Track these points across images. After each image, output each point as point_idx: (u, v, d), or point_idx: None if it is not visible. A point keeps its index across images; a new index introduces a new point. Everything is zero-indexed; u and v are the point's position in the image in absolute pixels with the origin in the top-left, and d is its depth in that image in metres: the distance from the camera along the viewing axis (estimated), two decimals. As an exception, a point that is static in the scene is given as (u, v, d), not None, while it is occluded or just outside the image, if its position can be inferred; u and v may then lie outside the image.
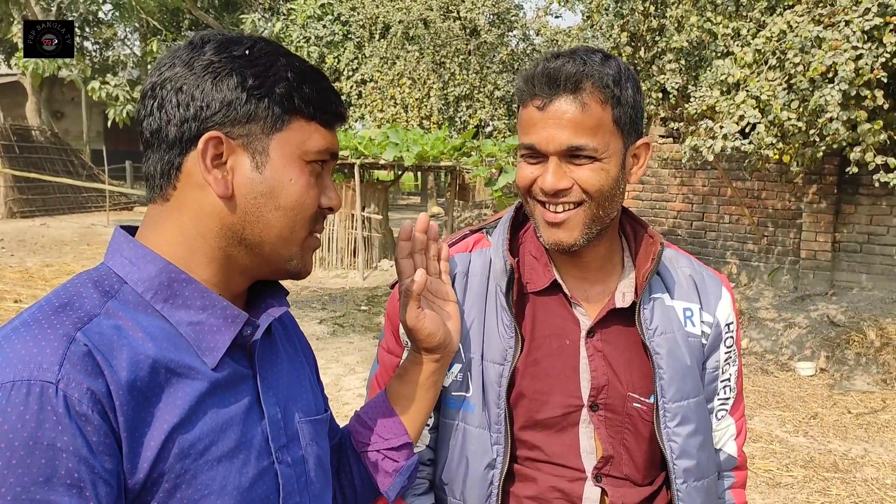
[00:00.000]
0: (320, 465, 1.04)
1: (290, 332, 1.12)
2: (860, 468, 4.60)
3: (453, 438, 1.28)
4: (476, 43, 14.30)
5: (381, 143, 10.75)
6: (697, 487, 1.27)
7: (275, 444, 0.95)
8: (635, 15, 6.80)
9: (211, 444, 0.87)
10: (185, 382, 0.86)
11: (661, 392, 1.24)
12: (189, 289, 0.91)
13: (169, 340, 0.87)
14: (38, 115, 21.22)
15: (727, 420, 1.38)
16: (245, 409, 0.92)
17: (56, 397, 0.76)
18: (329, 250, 11.60)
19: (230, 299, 0.96)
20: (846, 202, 7.69)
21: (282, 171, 0.92)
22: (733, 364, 1.36)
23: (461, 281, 1.30)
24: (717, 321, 1.33)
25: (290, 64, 0.93)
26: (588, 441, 1.26)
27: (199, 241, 0.92)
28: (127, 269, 0.90)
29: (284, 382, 1.02)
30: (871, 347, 6.51)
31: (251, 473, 0.91)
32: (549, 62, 1.16)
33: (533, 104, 1.16)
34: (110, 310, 0.85)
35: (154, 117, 0.91)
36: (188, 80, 0.89)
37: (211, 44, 0.92)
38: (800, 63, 5.01)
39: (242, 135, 0.91)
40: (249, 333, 0.94)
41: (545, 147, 1.16)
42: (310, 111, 0.94)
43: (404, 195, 30.07)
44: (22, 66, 18.31)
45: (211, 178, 0.90)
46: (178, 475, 0.83)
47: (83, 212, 18.88)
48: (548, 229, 1.22)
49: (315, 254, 5.64)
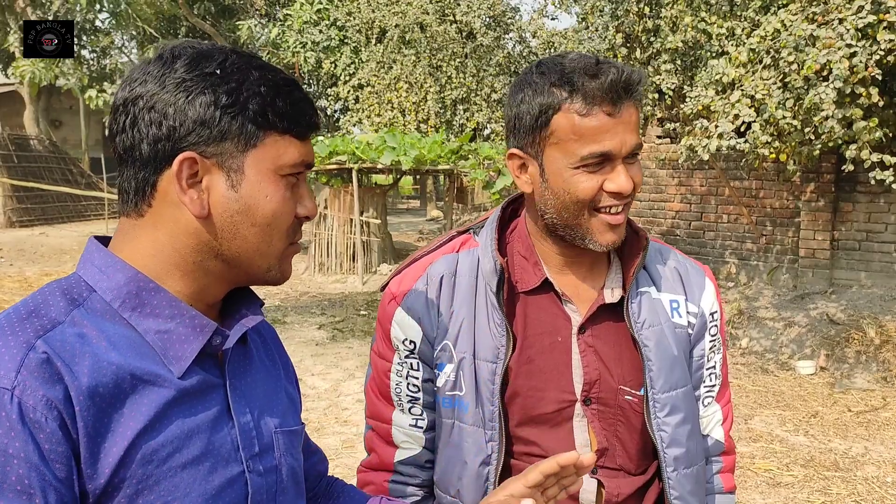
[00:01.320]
0: (293, 477, 1.03)
1: (268, 343, 1.12)
2: (861, 466, 4.60)
3: (449, 437, 1.30)
4: (472, 46, 14.31)
5: (378, 147, 10.76)
6: (687, 475, 1.30)
7: (245, 452, 0.95)
8: (630, 16, 6.80)
9: (175, 451, 0.86)
10: (150, 390, 0.86)
11: (651, 383, 1.27)
12: (157, 298, 0.91)
13: (134, 349, 0.87)
14: (36, 123, 21.25)
15: (714, 406, 1.41)
16: (213, 417, 0.92)
17: (11, 403, 0.77)
18: (328, 255, 11.60)
19: (204, 309, 0.96)
20: (844, 200, 7.69)
21: (257, 187, 0.92)
22: (718, 352, 1.39)
23: (449, 281, 1.31)
24: (702, 311, 1.36)
25: (263, 77, 0.92)
26: (582, 435, 1.29)
27: (174, 256, 0.92)
28: (96, 278, 0.90)
29: (259, 392, 1.01)
30: (871, 345, 6.51)
31: (217, 481, 0.90)
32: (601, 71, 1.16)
33: (603, 111, 1.16)
34: (75, 318, 0.86)
35: (127, 134, 0.90)
36: (161, 98, 0.89)
37: (182, 59, 0.90)
38: (794, 62, 5.02)
39: (217, 153, 0.90)
40: (219, 343, 0.94)
41: (619, 152, 1.18)
42: (284, 125, 0.93)
43: (403, 199, 30.08)
44: (19, 76, 18.33)
45: (187, 199, 0.90)
46: (140, 480, 0.84)
47: (82, 220, 18.89)
48: (607, 233, 1.23)
49: (314, 259, 5.67)
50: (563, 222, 1.24)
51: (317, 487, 1.23)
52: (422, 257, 1.37)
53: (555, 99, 1.18)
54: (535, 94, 1.19)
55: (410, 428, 1.34)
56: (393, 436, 1.35)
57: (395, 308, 1.32)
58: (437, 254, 1.36)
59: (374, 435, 1.38)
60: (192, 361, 0.91)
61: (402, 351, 1.33)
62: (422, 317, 1.30)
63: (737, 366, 6.72)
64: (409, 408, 1.34)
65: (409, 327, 1.31)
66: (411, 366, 1.33)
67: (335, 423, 5.29)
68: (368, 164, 10.81)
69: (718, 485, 1.42)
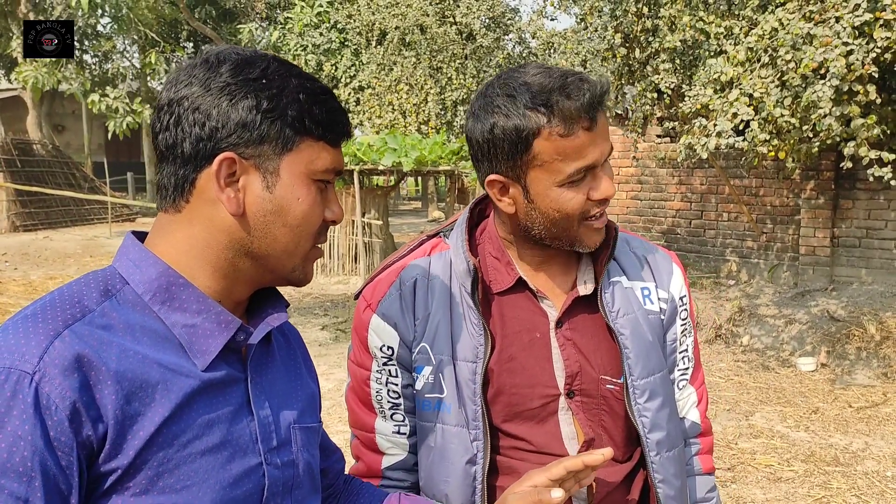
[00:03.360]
0: (309, 473, 1.07)
1: (291, 343, 1.15)
2: (861, 461, 4.62)
3: (432, 440, 1.31)
4: (472, 47, 14.35)
5: (379, 149, 10.80)
6: (669, 457, 1.33)
7: (264, 445, 0.98)
8: (629, 16, 6.83)
9: (195, 438, 0.90)
10: (178, 378, 0.90)
11: (630, 371, 1.30)
12: (186, 293, 0.94)
13: (160, 341, 0.92)
14: (39, 128, 21.31)
15: (688, 389, 1.44)
16: (234, 409, 0.96)
17: (29, 388, 0.81)
18: (330, 257, 11.64)
19: (232, 306, 1.00)
20: (844, 197, 7.71)
21: (290, 190, 0.96)
22: (689, 335, 1.42)
23: (423, 284, 1.32)
24: (672, 296, 1.39)
25: (302, 85, 0.97)
26: (568, 427, 1.31)
27: (206, 252, 0.96)
28: (130, 271, 0.95)
29: (280, 389, 1.05)
30: (872, 341, 6.53)
31: (235, 470, 0.94)
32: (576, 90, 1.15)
33: (582, 127, 1.16)
34: (106, 309, 0.90)
35: (170, 132, 0.94)
36: (205, 100, 0.93)
37: (227, 64, 0.95)
38: (791, 60, 5.04)
39: (255, 155, 0.94)
40: (243, 339, 0.98)
41: (599, 161, 1.20)
42: (319, 132, 0.97)
43: (405, 200, 30.10)
44: (22, 81, 18.40)
45: (224, 197, 0.94)
46: (161, 463, 0.88)
47: (86, 224, 18.95)
48: (595, 235, 1.27)
49: (317, 261, 5.66)
50: (552, 235, 1.26)
51: (335, 484, 1.26)
52: (394, 263, 1.38)
53: (532, 123, 1.16)
54: (509, 119, 1.18)
55: (394, 435, 1.35)
56: (378, 443, 1.36)
57: (371, 315, 1.33)
58: (409, 258, 1.37)
59: (359, 443, 1.39)
60: (216, 356, 0.95)
61: (380, 358, 1.33)
62: (398, 322, 1.31)
63: (738, 363, 6.75)
64: (391, 414, 1.35)
65: (385, 333, 1.32)
66: (390, 372, 1.33)
67: (339, 423, 5.33)
68: (370, 165, 10.84)
69: (697, 466, 1.45)
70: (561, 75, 1.18)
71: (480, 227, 1.39)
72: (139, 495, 0.87)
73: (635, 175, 9.47)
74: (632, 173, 9.49)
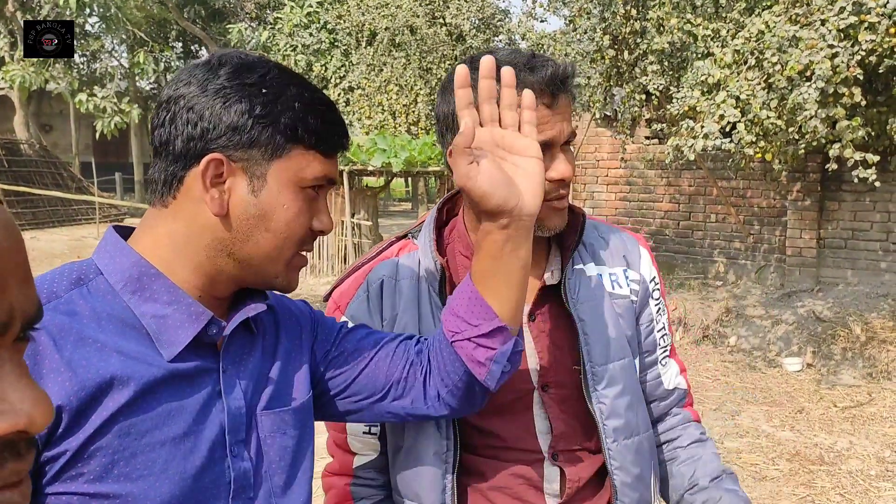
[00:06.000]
0: (284, 458, 1.05)
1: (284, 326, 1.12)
2: (845, 460, 4.66)
3: (402, 439, 1.30)
4: (462, 48, 14.36)
5: (369, 149, 10.80)
6: (627, 445, 1.33)
7: (231, 436, 0.98)
8: (617, 18, 6.87)
9: (155, 427, 0.90)
10: (140, 367, 0.90)
11: (588, 356, 1.30)
12: (157, 283, 0.95)
13: (127, 329, 0.92)
14: (26, 128, 21.18)
15: (671, 361, 1.46)
16: (203, 400, 0.96)
17: None
18: (319, 257, 11.63)
19: (213, 302, 1.00)
20: (830, 199, 7.77)
21: (276, 196, 0.97)
22: (663, 314, 1.44)
23: (390, 285, 1.31)
24: (643, 278, 1.41)
25: (300, 94, 0.97)
26: (542, 422, 1.31)
27: (187, 247, 0.97)
28: (106, 262, 0.96)
29: (260, 378, 1.04)
30: (857, 342, 6.59)
31: (198, 461, 0.94)
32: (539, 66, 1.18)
33: (543, 103, 1.17)
34: (74, 296, 0.91)
35: (165, 129, 0.96)
36: (200, 101, 0.94)
37: (227, 67, 0.96)
38: (777, 62, 5.08)
39: (243, 159, 0.95)
40: (216, 332, 0.98)
41: (558, 140, 1.20)
42: (312, 141, 0.98)
43: (395, 201, 30.08)
44: (9, 80, 18.29)
45: (208, 197, 0.95)
46: (117, 451, 0.87)
47: (73, 224, 18.84)
48: (555, 217, 1.26)
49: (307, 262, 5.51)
50: None
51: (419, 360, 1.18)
52: (362, 265, 1.38)
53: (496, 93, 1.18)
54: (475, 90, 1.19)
55: (364, 435, 1.34)
56: (349, 444, 1.36)
57: (340, 318, 1.32)
58: (377, 260, 1.37)
59: (332, 442, 1.39)
60: (187, 348, 0.94)
61: None
62: (365, 323, 1.29)
63: (725, 363, 6.79)
64: None
65: None
66: None
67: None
68: (359, 166, 10.84)
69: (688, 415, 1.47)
70: (529, 56, 1.20)
71: (449, 226, 1.39)
72: (93, 482, 0.86)
73: (624, 176, 9.51)
74: (620, 175, 9.53)
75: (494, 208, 1.02)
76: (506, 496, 1.31)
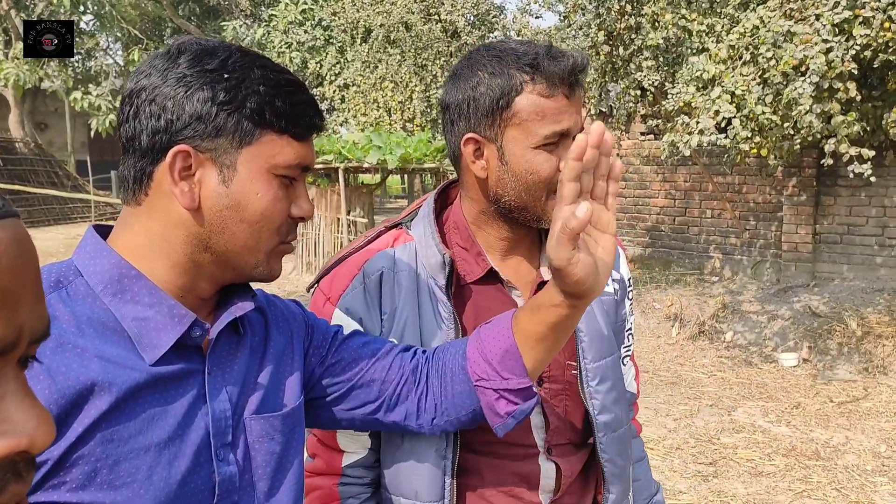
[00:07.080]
0: (270, 463, 1.02)
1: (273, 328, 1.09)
2: (841, 455, 4.66)
3: (399, 437, 1.28)
4: (457, 45, 14.34)
5: (364, 146, 10.78)
6: (614, 437, 1.36)
7: (217, 440, 0.95)
8: (612, 14, 6.86)
9: (138, 433, 0.87)
10: (121, 372, 0.87)
11: (583, 354, 1.32)
12: (138, 285, 0.92)
13: (108, 333, 0.89)
14: (21, 126, 21.13)
15: (630, 363, 1.50)
16: (188, 405, 0.93)
17: None
18: (315, 254, 11.61)
19: (196, 303, 0.97)
20: (825, 194, 7.77)
21: (248, 184, 0.93)
22: (631, 315, 1.48)
23: (389, 277, 1.28)
24: (622, 277, 1.44)
25: (265, 76, 0.93)
26: (538, 416, 1.32)
27: (164, 245, 0.94)
28: (85, 263, 0.92)
29: (247, 380, 1.01)
30: (853, 337, 6.59)
31: (183, 467, 0.91)
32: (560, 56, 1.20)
33: (562, 93, 1.19)
34: (52, 300, 0.87)
35: (130, 124, 0.93)
36: (161, 92, 0.90)
37: (186, 55, 0.92)
38: (772, 57, 5.08)
39: (211, 148, 0.92)
40: (199, 334, 0.94)
41: (573, 131, 1.21)
42: (282, 125, 0.94)
43: (391, 198, 30.07)
44: (4, 78, 18.24)
45: (178, 191, 0.91)
46: (99, 459, 0.84)
47: (69, 223, 18.80)
48: None
49: (302, 258, 5.57)
50: (522, 204, 1.24)
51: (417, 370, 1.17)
52: (351, 255, 1.33)
53: (517, 81, 1.19)
54: (494, 77, 1.20)
55: (355, 432, 1.31)
56: (338, 441, 1.32)
57: (332, 310, 1.28)
58: (370, 250, 1.32)
59: (316, 441, 1.35)
60: (170, 350, 0.91)
61: None
62: (363, 317, 1.27)
63: (721, 359, 6.79)
64: None
65: (348, 328, 1.26)
66: None
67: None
68: (355, 163, 10.83)
69: (633, 430, 1.51)
70: (546, 45, 1.22)
71: (444, 217, 1.37)
72: (75, 491, 0.83)
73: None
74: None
75: (582, 293, 1.01)
76: (502, 494, 1.31)
